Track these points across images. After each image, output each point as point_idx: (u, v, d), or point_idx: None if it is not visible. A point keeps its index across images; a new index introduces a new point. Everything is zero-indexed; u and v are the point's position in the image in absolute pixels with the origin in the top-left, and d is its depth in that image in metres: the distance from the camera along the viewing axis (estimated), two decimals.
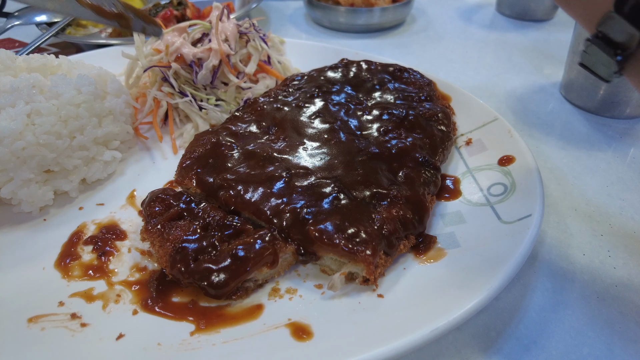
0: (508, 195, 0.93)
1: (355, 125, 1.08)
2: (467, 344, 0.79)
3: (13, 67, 1.12)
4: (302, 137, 1.03)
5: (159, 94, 1.31)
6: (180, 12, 1.94)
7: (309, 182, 0.89)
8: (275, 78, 1.46)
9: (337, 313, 0.77)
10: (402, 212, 0.85)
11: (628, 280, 0.89)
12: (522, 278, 0.90)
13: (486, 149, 1.08)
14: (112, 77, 1.24)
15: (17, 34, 1.98)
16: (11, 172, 0.98)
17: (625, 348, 0.77)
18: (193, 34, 1.38)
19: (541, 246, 0.97)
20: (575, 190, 1.11)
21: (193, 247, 0.81)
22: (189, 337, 0.74)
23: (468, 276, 0.77)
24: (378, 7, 1.92)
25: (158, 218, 0.88)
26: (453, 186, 1.02)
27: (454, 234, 0.89)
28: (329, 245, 0.79)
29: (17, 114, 0.98)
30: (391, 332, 0.69)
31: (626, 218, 1.03)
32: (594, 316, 0.83)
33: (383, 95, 1.19)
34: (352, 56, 1.42)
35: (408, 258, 0.86)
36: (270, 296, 0.82)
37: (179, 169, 1.00)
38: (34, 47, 1.68)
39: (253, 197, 0.88)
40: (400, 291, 0.79)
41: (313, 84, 1.25)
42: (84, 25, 1.99)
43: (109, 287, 0.85)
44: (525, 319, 0.82)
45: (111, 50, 1.55)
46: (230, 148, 1.01)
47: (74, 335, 0.75)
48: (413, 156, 0.97)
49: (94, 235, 0.95)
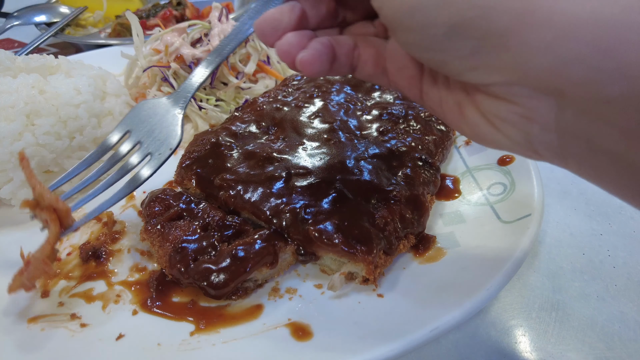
0: (508, 195, 0.93)
1: (354, 125, 1.08)
2: (467, 344, 0.79)
3: (12, 67, 1.12)
4: (301, 137, 1.03)
5: (158, 94, 1.31)
6: (179, 12, 1.94)
7: (309, 182, 0.89)
8: (275, 78, 1.46)
9: (337, 313, 0.77)
10: (402, 212, 0.85)
11: (628, 280, 0.89)
12: (522, 278, 0.90)
13: (486, 148, 1.08)
14: (111, 78, 1.24)
15: (16, 34, 1.98)
16: (11, 173, 0.98)
17: (625, 348, 0.77)
18: (192, 34, 1.38)
19: (541, 246, 0.97)
20: (575, 189, 1.11)
21: (193, 247, 0.81)
22: (189, 337, 0.74)
23: (468, 276, 0.77)
24: None
25: (158, 218, 0.88)
26: (453, 186, 1.02)
27: (453, 233, 0.89)
28: (328, 245, 0.79)
29: (17, 114, 0.98)
30: (391, 332, 0.69)
31: (626, 217, 1.03)
32: (594, 316, 0.83)
33: (382, 95, 1.19)
34: None
35: (408, 258, 0.86)
36: (270, 296, 0.82)
37: (179, 169, 1.00)
38: (33, 47, 1.68)
39: (253, 197, 0.88)
40: (400, 291, 0.79)
41: (312, 84, 1.24)
42: (83, 26, 1.99)
43: (108, 287, 0.85)
44: (525, 319, 0.83)
45: (110, 51, 1.55)
46: (229, 148, 1.01)
47: (74, 335, 0.75)
48: (412, 156, 0.97)
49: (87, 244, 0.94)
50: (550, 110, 0.47)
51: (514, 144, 0.53)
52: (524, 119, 0.50)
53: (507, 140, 0.53)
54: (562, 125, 0.47)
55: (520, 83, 0.47)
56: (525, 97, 0.48)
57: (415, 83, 0.62)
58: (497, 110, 0.52)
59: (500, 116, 0.52)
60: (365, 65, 0.64)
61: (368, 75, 0.66)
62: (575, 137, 0.47)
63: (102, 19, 2.04)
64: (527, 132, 0.51)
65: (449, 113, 0.60)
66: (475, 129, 0.56)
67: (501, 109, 0.51)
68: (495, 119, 0.53)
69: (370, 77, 0.66)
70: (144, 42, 1.37)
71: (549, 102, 0.47)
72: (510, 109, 0.50)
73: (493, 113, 0.52)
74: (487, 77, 0.49)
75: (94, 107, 1.10)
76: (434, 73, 0.60)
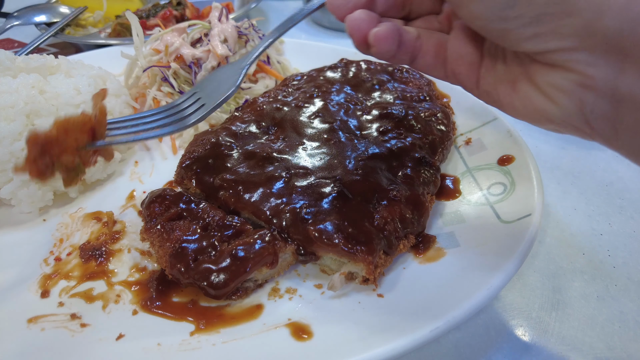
0: (507, 195, 0.93)
1: (354, 125, 1.08)
2: (467, 344, 0.79)
3: (12, 67, 1.12)
4: (301, 137, 1.03)
5: (158, 94, 1.31)
6: (179, 12, 1.94)
7: (309, 182, 0.89)
8: (275, 78, 1.46)
9: (337, 313, 0.77)
10: (402, 212, 0.85)
11: (628, 280, 0.89)
12: (522, 278, 0.90)
13: (486, 148, 1.08)
14: (111, 78, 1.24)
15: (16, 34, 1.98)
16: (11, 173, 0.98)
17: (625, 348, 0.77)
18: (192, 34, 1.38)
19: (541, 246, 0.97)
20: (575, 189, 1.11)
21: (193, 247, 0.81)
22: (189, 337, 0.74)
23: (468, 276, 0.77)
24: None
25: (158, 218, 0.88)
26: (453, 186, 1.02)
27: (453, 233, 0.90)
28: (328, 245, 0.79)
29: (17, 114, 0.98)
30: (391, 332, 0.69)
31: (626, 217, 1.03)
32: (594, 316, 0.83)
33: (382, 95, 1.19)
34: (352, 56, 1.41)
35: (408, 258, 0.86)
36: (270, 296, 0.82)
37: (179, 169, 1.00)
38: (33, 47, 1.68)
39: (253, 197, 0.88)
40: (400, 291, 0.79)
41: (312, 83, 1.24)
42: (83, 26, 1.99)
43: (108, 287, 0.85)
44: (525, 319, 0.83)
45: (110, 51, 1.55)
46: (229, 148, 1.01)
47: (74, 335, 0.75)
48: (412, 156, 0.97)
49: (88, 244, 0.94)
50: (609, 75, 0.48)
51: (566, 115, 0.54)
52: (580, 87, 0.51)
53: (560, 110, 0.54)
54: (620, 91, 0.48)
55: (583, 48, 0.49)
56: (584, 64, 0.49)
57: (473, 69, 0.65)
58: (553, 79, 0.53)
59: (556, 85, 0.53)
60: (425, 55, 0.67)
61: (427, 66, 0.68)
62: (632, 103, 0.48)
63: (102, 19, 2.04)
64: (582, 101, 0.52)
65: (502, 93, 0.62)
66: (527, 103, 0.58)
67: (557, 78, 0.52)
68: (550, 89, 0.54)
69: (429, 67, 0.69)
70: (144, 42, 1.37)
71: (608, 67, 0.48)
72: (566, 77, 0.52)
73: (549, 82, 0.54)
74: (549, 44, 0.51)
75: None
76: (492, 55, 0.63)
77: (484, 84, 0.65)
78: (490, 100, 0.65)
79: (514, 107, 0.61)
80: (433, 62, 0.68)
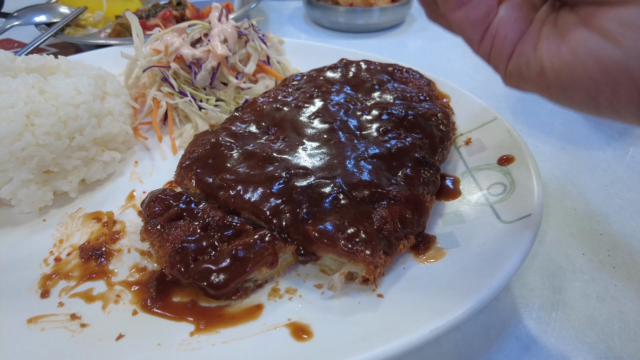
0: (507, 195, 0.93)
1: (354, 125, 1.08)
2: (467, 344, 0.79)
3: (12, 67, 1.12)
4: (301, 137, 1.03)
5: (158, 94, 1.31)
6: (179, 13, 1.94)
7: (309, 182, 0.89)
8: (275, 78, 1.46)
9: (337, 313, 0.77)
10: (402, 212, 0.85)
11: (628, 280, 0.89)
12: (522, 278, 0.90)
13: (485, 148, 1.08)
14: (111, 78, 1.24)
15: (16, 34, 1.98)
16: (10, 173, 0.98)
17: (625, 348, 0.77)
18: (192, 35, 1.38)
19: (541, 246, 0.97)
20: (575, 190, 1.11)
21: (193, 248, 0.81)
22: (189, 337, 0.74)
23: (468, 276, 0.77)
24: (377, 7, 1.92)
25: (158, 218, 0.88)
26: (452, 186, 1.02)
27: (453, 233, 0.90)
28: (328, 245, 0.79)
29: (17, 114, 0.98)
30: (391, 332, 0.69)
31: (625, 217, 1.03)
32: (594, 316, 0.83)
33: (382, 95, 1.19)
34: (352, 56, 1.42)
35: (408, 258, 0.86)
36: (270, 296, 0.82)
37: (179, 169, 1.00)
38: (33, 47, 1.68)
39: (252, 197, 0.88)
40: (400, 291, 0.79)
41: (312, 84, 1.24)
42: (83, 26, 1.99)
43: (108, 287, 0.85)
44: (525, 319, 0.83)
45: (110, 51, 1.55)
46: (229, 148, 1.01)
47: (74, 335, 0.75)
48: (412, 156, 0.97)
49: (88, 245, 0.94)
50: None
51: (626, 57, 0.52)
52: None
53: (622, 51, 0.52)
54: None
55: None
56: None
57: (517, 33, 0.62)
58: (624, 15, 0.51)
59: (628, 21, 0.51)
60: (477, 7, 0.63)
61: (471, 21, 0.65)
62: None
63: (102, 19, 2.04)
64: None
65: (545, 52, 0.59)
66: (581, 49, 0.55)
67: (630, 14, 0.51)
68: (618, 27, 0.52)
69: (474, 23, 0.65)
70: (143, 42, 1.37)
71: None
72: None
73: (619, 20, 0.52)
74: None
75: (94, 107, 1.10)
76: (541, 19, 0.61)
77: (525, 49, 0.62)
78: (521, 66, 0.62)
79: (559, 59, 0.58)
80: (481, 18, 0.64)
